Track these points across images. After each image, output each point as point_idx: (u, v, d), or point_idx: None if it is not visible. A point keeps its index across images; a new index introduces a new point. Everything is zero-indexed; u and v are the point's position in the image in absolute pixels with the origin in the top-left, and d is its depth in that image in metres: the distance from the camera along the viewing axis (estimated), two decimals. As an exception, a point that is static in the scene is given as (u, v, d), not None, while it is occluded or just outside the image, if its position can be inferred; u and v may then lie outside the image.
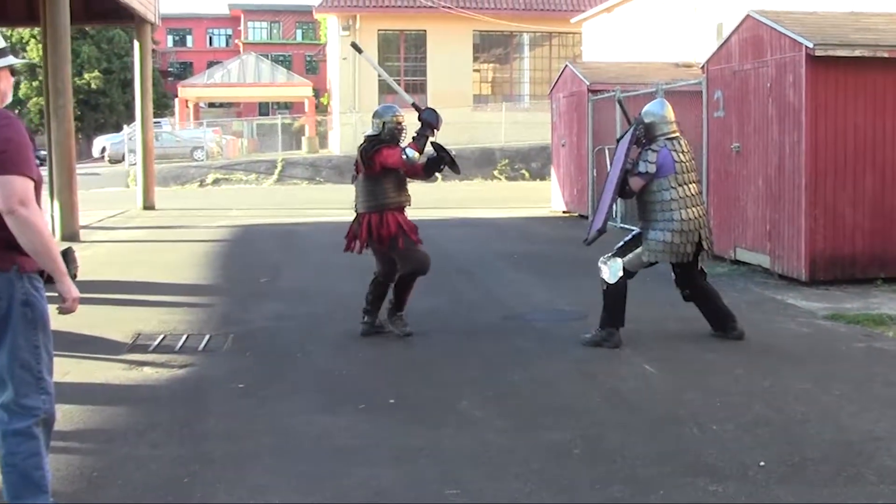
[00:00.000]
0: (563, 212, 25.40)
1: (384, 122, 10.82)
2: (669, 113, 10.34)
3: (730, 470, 6.42)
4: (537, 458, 6.79)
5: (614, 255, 10.32)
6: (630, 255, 10.28)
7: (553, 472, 6.51)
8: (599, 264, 10.34)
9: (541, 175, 40.26)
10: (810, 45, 13.27)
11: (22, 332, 5.24)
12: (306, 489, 6.30)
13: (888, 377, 8.92)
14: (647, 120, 10.30)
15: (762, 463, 6.53)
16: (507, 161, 44.15)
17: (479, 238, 16.87)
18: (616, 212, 21.51)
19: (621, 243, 10.51)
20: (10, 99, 5.39)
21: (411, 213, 10.98)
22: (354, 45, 12.57)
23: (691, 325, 11.05)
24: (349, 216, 10.96)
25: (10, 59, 5.34)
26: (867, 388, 8.52)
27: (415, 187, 11.28)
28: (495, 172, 43.09)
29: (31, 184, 5.12)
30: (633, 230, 16.50)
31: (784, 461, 6.58)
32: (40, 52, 29.95)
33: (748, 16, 15.02)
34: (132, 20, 29.00)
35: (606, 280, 10.22)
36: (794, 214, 13.82)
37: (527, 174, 43.03)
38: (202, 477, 6.50)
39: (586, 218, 23.26)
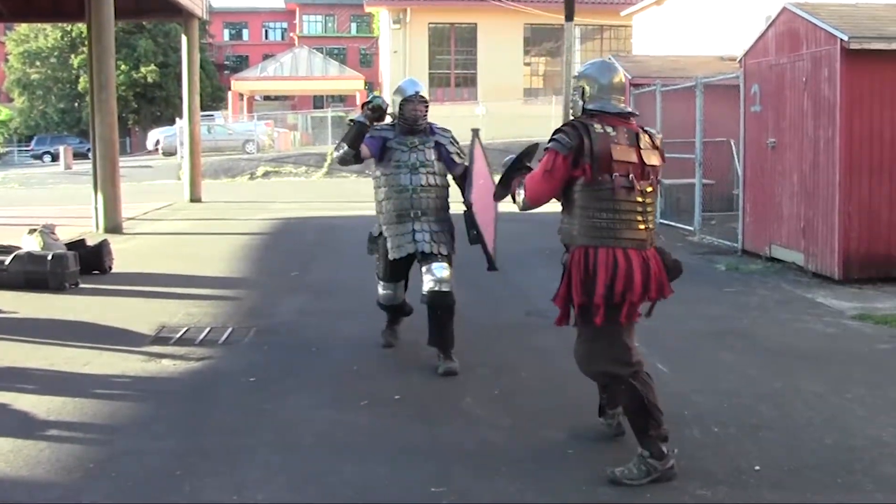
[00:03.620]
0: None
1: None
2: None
3: (723, 474, 6.28)
4: (531, 457, 6.70)
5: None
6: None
7: (543, 473, 6.41)
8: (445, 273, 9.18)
9: (590, 170, 40.13)
10: (845, 38, 13.04)
11: None
12: (296, 485, 6.27)
13: (907, 380, 8.70)
14: None
15: (757, 468, 6.38)
16: (557, 155, 43.85)
17: (517, 234, 16.67)
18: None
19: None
20: None
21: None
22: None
23: (714, 324, 10.94)
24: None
25: None
26: (883, 391, 8.31)
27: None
28: (546, 167, 42.75)
29: None
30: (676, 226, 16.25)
31: (780, 466, 6.43)
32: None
33: (784, 8, 14.77)
34: (180, 15, 29.22)
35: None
36: (828, 211, 13.60)
37: (575, 169, 42.81)
38: (195, 471, 6.51)
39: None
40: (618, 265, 6.20)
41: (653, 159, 6.41)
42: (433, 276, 9.03)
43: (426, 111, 9.38)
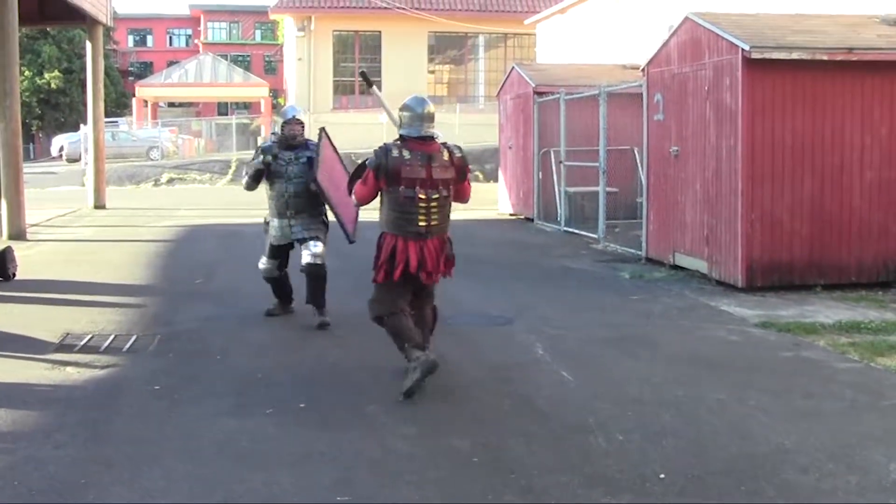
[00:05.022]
0: (510, 214, 25.33)
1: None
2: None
3: (627, 482, 6.31)
4: (436, 465, 6.71)
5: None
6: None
7: (449, 481, 6.42)
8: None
9: (495, 177, 39.67)
10: (746, 48, 13.17)
11: None
12: (199, 494, 6.21)
13: (809, 388, 8.78)
14: None
15: (662, 475, 6.42)
16: (460, 163, 43.88)
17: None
18: (560, 216, 21.45)
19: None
20: None
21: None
22: (364, 76, 11.40)
23: (618, 331, 10.99)
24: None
25: None
26: (785, 399, 8.38)
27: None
28: (448, 174, 42.74)
29: None
30: (580, 233, 16.38)
31: (684, 473, 6.46)
32: None
33: (687, 18, 14.89)
34: (84, 21, 28.99)
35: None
36: (731, 219, 13.73)
37: (480, 176, 42.67)
38: (99, 479, 6.44)
39: (532, 221, 23.27)
40: (396, 247, 8.73)
41: (444, 174, 8.88)
42: (309, 251, 11.48)
43: (302, 130, 11.81)
